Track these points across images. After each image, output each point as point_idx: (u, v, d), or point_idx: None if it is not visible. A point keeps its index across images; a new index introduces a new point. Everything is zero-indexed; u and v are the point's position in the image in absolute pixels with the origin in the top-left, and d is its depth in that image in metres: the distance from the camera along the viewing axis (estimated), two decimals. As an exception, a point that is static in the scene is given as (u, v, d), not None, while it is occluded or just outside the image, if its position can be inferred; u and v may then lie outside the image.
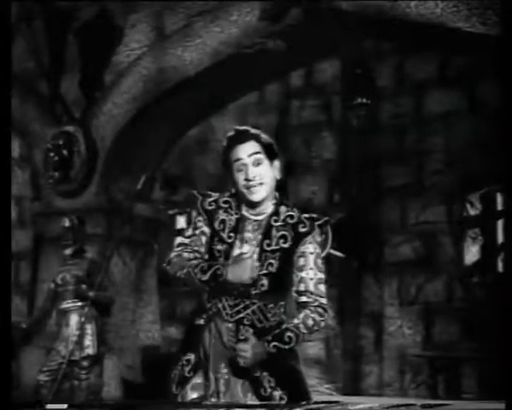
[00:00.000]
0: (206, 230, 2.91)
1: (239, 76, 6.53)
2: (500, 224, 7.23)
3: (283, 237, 2.84)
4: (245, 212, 2.90)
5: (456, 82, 7.26)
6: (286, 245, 2.83)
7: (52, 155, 6.92)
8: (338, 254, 7.28)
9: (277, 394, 2.73)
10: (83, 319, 5.61)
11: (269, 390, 2.73)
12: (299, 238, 2.84)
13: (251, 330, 2.76)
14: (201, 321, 2.82)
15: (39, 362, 5.93)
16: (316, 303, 2.80)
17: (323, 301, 2.82)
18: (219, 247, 2.86)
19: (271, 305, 2.80)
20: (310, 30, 5.87)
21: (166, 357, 6.03)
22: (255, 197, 2.83)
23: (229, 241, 2.86)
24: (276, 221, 2.87)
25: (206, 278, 2.76)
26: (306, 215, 2.89)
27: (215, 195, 2.96)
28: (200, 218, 2.93)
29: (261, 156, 2.84)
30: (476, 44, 5.38)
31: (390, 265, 7.55)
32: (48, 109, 7.14)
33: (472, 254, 7.40)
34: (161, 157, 7.14)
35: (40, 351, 6.23)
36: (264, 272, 2.79)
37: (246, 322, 2.77)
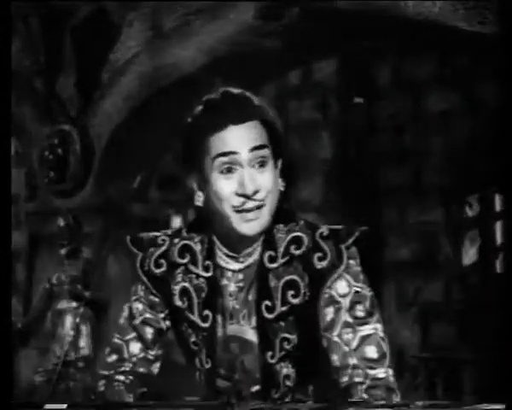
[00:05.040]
0: (157, 321, 1.78)
1: (236, 75, 6.50)
2: (499, 225, 7.21)
3: (292, 284, 1.65)
4: (221, 259, 1.71)
5: (455, 82, 7.24)
6: (298, 300, 1.66)
7: (47, 153, 6.90)
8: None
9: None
10: (78, 320, 5.58)
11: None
12: (318, 280, 1.65)
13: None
14: None
15: (34, 363, 5.90)
16: (372, 383, 1.61)
17: (383, 374, 1.64)
18: (193, 337, 1.73)
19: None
20: (307, 29, 5.84)
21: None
22: (250, 230, 1.63)
23: (206, 325, 1.71)
24: (272, 260, 1.67)
25: None
26: (324, 231, 1.68)
27: (163, 237, 1.79)
28: (143, 295, 1.81)
29: (268, 153, 1.65)
30: (475, 44, 5.36)
31: (388, 266, 7.52)
32: (43, 108, 7.11)
33: (470, 255, 7.37)
34: (158, 156, 7.11)
35: (35, 352, 6.20)
36: (279, 356, 1.67)
37: None
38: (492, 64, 5.27)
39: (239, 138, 1.61)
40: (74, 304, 5.68)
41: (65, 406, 1.61)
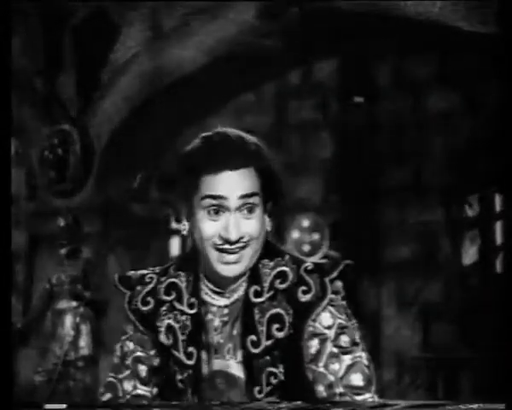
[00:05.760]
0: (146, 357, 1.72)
1: (236, 75, 6.50)
2: (499, 225, 7.21)
3: (276, 318, 1.64)
4: (207, 295, 1.70)
5: (455, 82, 7.24)
6: (282, 334, 1.64)
7: (47, 153, 6.90)
8: (335, 254, 7.26)
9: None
10: (78, 320, 5.59)
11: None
12: (302, 313, 1.64)
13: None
14: None
15: (34, 363, 5.90)
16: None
17: (370, 399, 1.65)
18: (179, 375, 1.68)
19: None
20: (307, 29, 5.84)
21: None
22: (229, 272, 1.63)
23: (191, 362, 1.68)
24: (257, 295, 1.66)
25: None
26: (309, 265, 1.67)
27: (150, 275, 1.78)
28: (132, 333, 1.74)
29: (257, 200, 1.64)
30: (475, 44, 5.35)
31: (388, 266, 7.51)
32: (43, 108, 7.11)
33: (470, 255, 7.37)
34: (158, 156, 7.11)
35: (35, 352, 6.20)
36: (266, 391, 1.64)
37: None
38: (493, 64, 5.28)
39: (230, 185, 1.61)
40: (74, 304, 5.68)
41: (64, 406, 1.60)
